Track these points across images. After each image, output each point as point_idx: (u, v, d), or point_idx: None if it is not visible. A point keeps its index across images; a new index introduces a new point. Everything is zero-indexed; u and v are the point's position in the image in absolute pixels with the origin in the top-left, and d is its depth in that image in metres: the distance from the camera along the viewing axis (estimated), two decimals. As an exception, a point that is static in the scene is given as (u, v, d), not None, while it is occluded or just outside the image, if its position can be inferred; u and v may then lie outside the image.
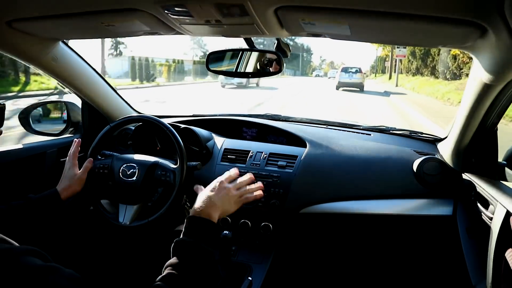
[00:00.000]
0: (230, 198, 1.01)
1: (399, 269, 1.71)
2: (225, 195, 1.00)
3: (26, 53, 1.31)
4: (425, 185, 1.41)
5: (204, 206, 0.94)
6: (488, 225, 1.08)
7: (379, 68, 45.06)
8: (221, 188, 1.00)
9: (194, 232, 0.88)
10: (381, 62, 38.20)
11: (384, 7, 0.76)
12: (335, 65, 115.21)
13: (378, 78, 40.58)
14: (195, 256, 0.84)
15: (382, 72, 40.12)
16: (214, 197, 0.97)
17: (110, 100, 1.77)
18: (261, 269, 1.41)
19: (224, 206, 0.99)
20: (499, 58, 0.83)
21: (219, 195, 0.99)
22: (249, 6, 0.82)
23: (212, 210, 0.94)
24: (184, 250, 0.85)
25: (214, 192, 0.99)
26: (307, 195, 1.45)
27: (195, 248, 0.85)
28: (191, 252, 0.84)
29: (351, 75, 18.93)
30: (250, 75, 1.31)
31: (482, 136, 1.23)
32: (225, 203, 0.99)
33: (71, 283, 0.61)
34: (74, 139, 1.36)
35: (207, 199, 0.96)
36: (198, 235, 0.87)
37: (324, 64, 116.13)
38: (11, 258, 0.58)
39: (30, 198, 1.18)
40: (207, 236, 0.89)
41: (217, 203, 0.96)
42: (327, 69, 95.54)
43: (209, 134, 1.69)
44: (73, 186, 1.27)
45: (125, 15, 0.95)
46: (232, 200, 1.01)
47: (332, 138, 1.61)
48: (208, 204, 0.95)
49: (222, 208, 0.97)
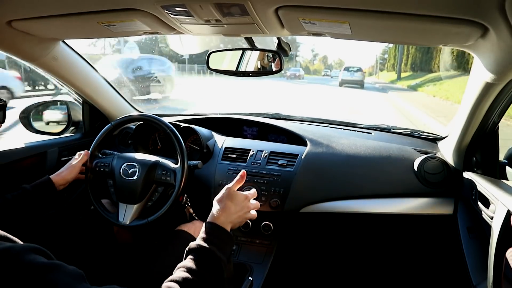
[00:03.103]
0: (244, 215, 1.02)
1: (400, 268, 1.71)
2: (242, 211, 1.01)
3: (27, 53, 1.31)
4: (426, 184, 1.41)
5: (223, 215, 0.95)
6: (489, 225, 1.08)
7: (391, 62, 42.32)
8: (244, 205, 1.02)
9: (211, 239, 0.88)
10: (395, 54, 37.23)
11: (385, 6, 0.76)
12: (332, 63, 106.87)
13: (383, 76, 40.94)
14: (209, 262, 0.84)
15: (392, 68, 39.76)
16: (233, 209, 0.98)
17: (111, 99, 1.77)
18: (261, 269, 1.41)
19: (238, 220, 1.00)
20: (500, 57, 0.83)
21: (238, 209, 0.99)
22: (250, 6, 0.82)
23: (228, 221, 0.95)
24: (200, 255, 0.84)
25: (235, 204, 0.99)
26: (307, 194, 1.45)
27: (210, 255, 0.85)
28: (206, 258, 0.84)
29: (352, 74, 21.26)
30: (251, 74, 1.31)
31: (483, 135, 1.23)
32: (240, 218, 1.01)
33: (74, 279, 0.61)
34: (85, 151, 1.38)
35: (227, 209, 0.96)
36: (214, 242, 0.87)
37: (316, 59, 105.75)
38: (14, 256, 0.58)
39: (25, 188, 1.20)
40: (223, 245, 0.89)
41: (233, 216, 0.97)
42: (319, 66, 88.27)
43: (210, 133, 1.69)
44: (64, 173, 1.31)
45: (126, 15, 0.95)
46: (244, 217, 1.02)
47: (333, 137, 1.61)
48: (226, 214, 0.96)
49: (235, 222, 0.99)
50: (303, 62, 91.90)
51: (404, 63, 31.24)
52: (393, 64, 36.69)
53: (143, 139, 1.71)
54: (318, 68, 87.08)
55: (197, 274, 0.80)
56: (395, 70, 33.96)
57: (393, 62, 37.05)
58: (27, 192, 1.20)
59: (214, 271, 0.83)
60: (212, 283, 0.82)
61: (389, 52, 40.39)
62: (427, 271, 1.62)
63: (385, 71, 44.17)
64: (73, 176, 1.34)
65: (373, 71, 58.29)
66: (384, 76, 39.70)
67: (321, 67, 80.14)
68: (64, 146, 1.64)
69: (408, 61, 30.55)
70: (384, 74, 41.57)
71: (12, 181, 1.44)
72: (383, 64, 46.84)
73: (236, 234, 1.53)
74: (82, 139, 1.75)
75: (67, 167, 1.35)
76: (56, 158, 1.61)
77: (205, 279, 0.81)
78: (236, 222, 0.99)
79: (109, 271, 1.22)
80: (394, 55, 35.92)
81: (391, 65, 39.28)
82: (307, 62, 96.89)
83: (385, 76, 37.99)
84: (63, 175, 1.31)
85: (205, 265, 0.83)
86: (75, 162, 1.36)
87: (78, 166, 1.35)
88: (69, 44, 1.48)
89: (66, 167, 1.35)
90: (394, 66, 35.36)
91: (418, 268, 1.66)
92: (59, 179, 1.29)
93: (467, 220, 1.32)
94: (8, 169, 1.43)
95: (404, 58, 31.15)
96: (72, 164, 1.35)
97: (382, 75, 41.58)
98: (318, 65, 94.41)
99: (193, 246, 0.86)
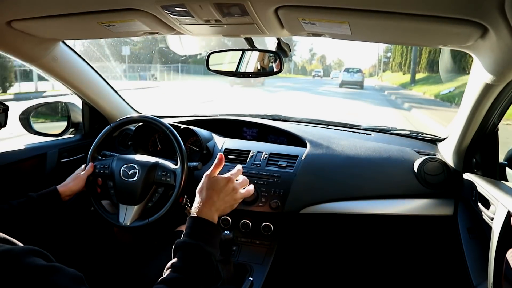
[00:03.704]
0: (232, 198, 0.96)
1: (400, 269, 1.70)
2: (228, 195, 0.95)
3: (26, 53, 1.31)
4: (426, 185, 1.41)
5: (206, 206, 0.91)
6: (489, 225, 1.07)
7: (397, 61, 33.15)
8: (228, 188, 0.96)
9: (196, 234, 0.86)
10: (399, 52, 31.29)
11: (385, 7, 0.76)
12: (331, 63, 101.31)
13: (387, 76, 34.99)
14: (196, 258, 0.83)
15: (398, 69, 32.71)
16: (215, 196, 0.93)
17: (111, 101, 1.77)
18: (262, 270, 1.41)
19: (226, 205, 0.95)
20: (500, 58, 0.83)
21: (223, 195, 0.94)
22: (249, 6, 0.82)
23: (214, 210, 0.91)
24: (186, 251, 0.83)
25: (217, 190, 0.94)
26: (307, 195, 1.45)
27: (197, 250, 0.83)
28: (193, 254, 0.83)
29: (352, 75, 21.36)
30: (251, 75, 1.31)
31: (483, 136, 1.23)
32: (227, 202, 0.95)
33: (73, 282, 0.61)
34: (90, 164, 1.37)
35: (209, 199, 0.92)
36: (200, 237, 0.85)
37: (314, 59, 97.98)
38: (13, 258, 0.58)
39: (31, 196, 1.20)
40: (209, 237, 0.87)
41: (218, 203, 0.93)
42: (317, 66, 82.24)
43: (210, 134, 1.69)
44: (70, 184, 1.30)
45: (125, 15, 0.95)
46: (233, 200, 0.97)
47: (333, 138, 1.61)
48: (209, 204, 0.92)
49: (223, 208, 0.94)
50: (301, 62, 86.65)
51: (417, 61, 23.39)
52: (400, 63, 31.12)
53: (143, 141, 1.71)
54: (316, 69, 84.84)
55: (185, 271, 0.79)
56: (402, 70, 29.45)
57: (400, 60, 30.81)
58: (33, 201, 1.20)
59: (204, 266, 0.82)
60: (203, 278, 0.81)
61: (394, 49, 33.48)
62: (428, 272, 1.62)
63: (389, 71, 37.62)
64: (80, 187, 1.33)
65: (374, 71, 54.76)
66: (389, 77, 33.35)
67: (318, 67, 74.78)
68: (64, 147, 1.64)
69: (423, 59, 22.66)
70: (389, 75, 34.93)
71: (12, 182, 1.44)
72: (387, 64, 39.89)
73: (236, 234, 1.53)
74: (81, 140, 1.75)
75: (73, 178, 1.34)
76: (56, 160, 1.61)
77: (195, 276, 0.80)
78: (224, 207, 0.94)
79: (109, 272, 1.21)
80: (402, 52, 30.12)
81: (397, 64, 32.34)
82: (304, 62, 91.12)
83: (391, 78, 31.59)
84: (69, 186, 1.30)
85: (193, 261, 0.81)
86: (81, 173, 1.35)
87: (84, 177, 1.34)
88: (69, 45, 1.48)
89: (72, 178, 1.33)
90: (402, 65, 30.41)
91: (418, 269, 1.66)
92: (65, 190, 1.28)
93: (467, 221, 1.32)
94: (8, 170, 1.43)
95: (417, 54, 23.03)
96: (79, 175, 1.34)
97: (386, 76, 35.27)
98: (315, 65, 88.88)
99: (179, 243, 0.84)
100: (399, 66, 31.82)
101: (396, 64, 32.99)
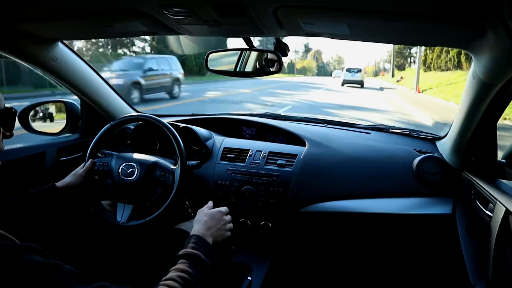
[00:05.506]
0: (223, 228, 1.08)
1: (398, 268, 1.71)
2: (219, 224, 1.08)
3: (25, 53, 1.31)
4: (424, 184, 1.41)
5: (203, 229, 1.02)
6: (487, 224, 1.08)
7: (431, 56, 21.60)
8: (220, 218, 1.09)
9: (197, 247, 0.93)
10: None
11: (383, 6, 0.76)
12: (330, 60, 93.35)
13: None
14: (197, 265, 0.88)
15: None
16: (210, 223, 1.05)
17: (109, 100, 1.77)
18: (260, 269, 1.41)
19: (218, 233, 1.06)
20: (498, 57, 0.83)
21: (215, 223, 1.07)
22: (248, 6, 0.82)
23: (209, 234, 1.02)
24: (188, 259, 0.88)
25: (211, 218, 1.07)
26: (306, 194, 1.45)
27: (198, 259, 0.89)
28: (194, 261, 0.88)
29: (353, 74, 22.43)
30: (250, 74, 1.31)
31: (482, 135, 1.23)
32: (219, 231, 1.07)
33: (71, 279, 0.62)
34: (89, 160, 1.37)
35: (205, 224, 1.04)
36: (200, 250, 0.93)
37: (308, 55, 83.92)
38: (11, 255, 0.59)
39: (30, 193, 1.20)
40: (205, 252, 0.94)
41: (212, 229, 1.04)
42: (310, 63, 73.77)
43: (209, 133, 1.69)
44: (69, 180, 1.30)
45: (124, 15, 0.95)
46: (223, 230, 1.08)
47: (332, 137, 1.61)
48: (206, 228, 1.03)
49: (215, 235, 1.05)
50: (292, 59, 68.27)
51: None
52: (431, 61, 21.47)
53: (142, 140, 1.71)
54: (309, 66, 68.28)
55: (188, 274, 0.83)
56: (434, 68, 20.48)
57: (431, 56, 21.56)
58: (32, 197, 1.19)
59: (201, 273, 0.87)
60: (200, 284, 0.85)
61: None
62: (426, 271, 1.63)
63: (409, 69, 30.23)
64: (78, 183, 1.31)
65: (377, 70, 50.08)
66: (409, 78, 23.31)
67: (313, 64, 67.83)
68: (62, 146, 1.64)
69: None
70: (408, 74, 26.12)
71: (11, 181, 1.44)
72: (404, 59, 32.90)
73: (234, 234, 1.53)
74: (80, 139, 1.75)
75: (72, 175, 1.33)
76: (55, 158, 1.60)
77: (195, 279, 0.83)
78: (216, 235, 1.05)
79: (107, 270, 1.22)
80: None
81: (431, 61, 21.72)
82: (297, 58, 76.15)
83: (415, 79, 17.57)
84: (68, 182, 1.29)
85: (193, 267, 0.86)
86: (80, 170, 1.34)
87: (83, 174, 1.33)
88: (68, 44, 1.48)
89: (71, 175, 1.33)
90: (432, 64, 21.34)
91: (417, 267, 1.66)
92: (64, 186, 1.27)
93: (465, 220, 1.32)
94: (7, 169, 1.43)
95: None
96: (78, 172, 1.33)
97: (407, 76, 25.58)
98: (308, 61, 75.67)
99: (181, 253, 0.91)
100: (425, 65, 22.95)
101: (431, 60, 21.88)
